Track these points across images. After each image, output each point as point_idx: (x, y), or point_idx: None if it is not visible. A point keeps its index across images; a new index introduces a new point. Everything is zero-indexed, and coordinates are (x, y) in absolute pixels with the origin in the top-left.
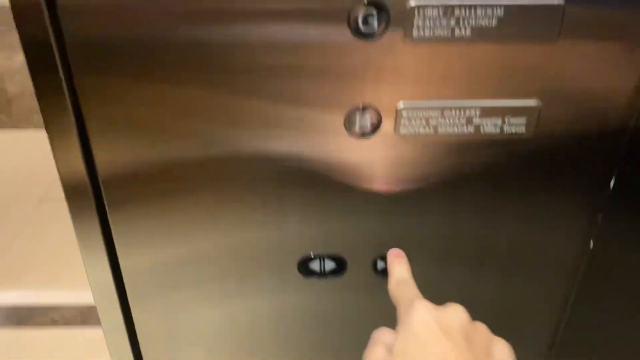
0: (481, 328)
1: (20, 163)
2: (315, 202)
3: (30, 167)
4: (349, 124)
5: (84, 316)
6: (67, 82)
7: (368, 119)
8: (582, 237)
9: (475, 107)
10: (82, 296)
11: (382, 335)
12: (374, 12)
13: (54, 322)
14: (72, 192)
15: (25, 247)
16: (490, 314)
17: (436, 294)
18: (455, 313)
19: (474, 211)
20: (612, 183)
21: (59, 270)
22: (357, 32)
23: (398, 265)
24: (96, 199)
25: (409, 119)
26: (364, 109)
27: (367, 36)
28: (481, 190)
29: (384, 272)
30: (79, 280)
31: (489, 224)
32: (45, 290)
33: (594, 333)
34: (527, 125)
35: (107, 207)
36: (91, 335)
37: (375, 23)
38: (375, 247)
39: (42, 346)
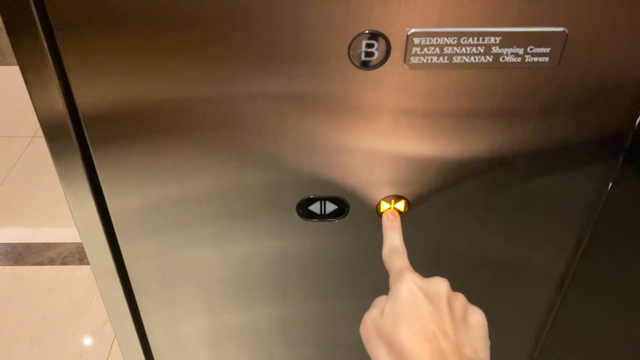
0: (460, 297)
1: (12, 99)
2: (315, 139)
3: (22, 104)
4: (353, 52)
5: (82, 254)
6: (41, 16)
7: (375, 47)
8: (602, 179)
9: (496, 34)
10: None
11: (379, 300)
12: None
13: (51, 261)
14: (52, 133)
15: (19, 184)
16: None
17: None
18: (439, 283)
19: (487, 150)
20: (638, 120)
21: (54, 207)
22: None
23: (392, 232)
24: (79, 139)
25: (421, 47)
26: (371, 36)
27: None
28: (496, 128)
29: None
30: None
31: (502, 164)
32: (42, 228)
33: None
34: (551, 55)
35: (90, 148)
36: (88, 273)
37: None
38: (378, 189)
39: (40, 284)
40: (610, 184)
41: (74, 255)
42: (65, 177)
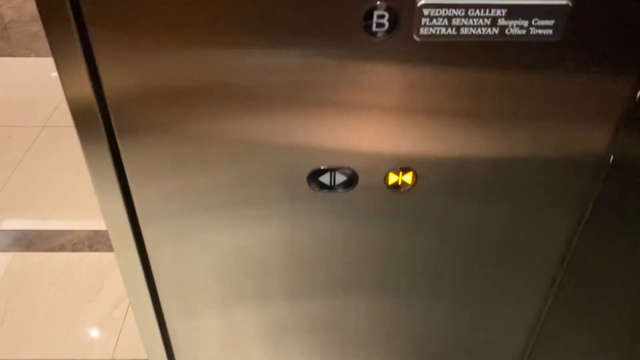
0: None
1: (22, 91)
2: (325, 110)
3: (31, 95)
4: (364, 23)
5: (92, 241)
6: (73, 5)
7: (385, 19)
8: (602, 150)
9: (502, 7)
10: (89, 222)
11: None
12: None
13: (61, 247)
14: (80, 119)
15: (29, 174)
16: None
17: (451, 208)
18: None
19: (492, 121)
20: (638, 94)
21: (64, 197)
22: None
23: None
24: (105, 125)
25: (430, 19)
26: (381, 7)
27: None
28: (501, 100)
29: (395, 186)
30: (85, 207)
31: (506, 137)
32: (52, 216)
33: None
34: (555, 28)
35: (116, 134)
36: (98, 259)
37: None
38: (387, 161)
39: (51, 270)
40: (612, 157)
41: (84, 242)
42: (92, 161)
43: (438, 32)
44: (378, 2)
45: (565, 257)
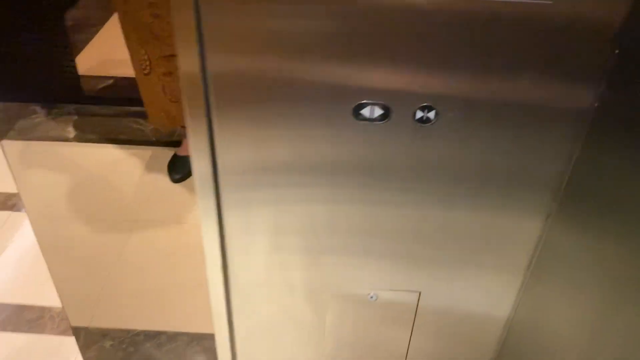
0: None
1: None
2: (371, 58)
3: None
4: None
5: None
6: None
7: None
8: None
9: None
10: None
11: None
12: None
13: None
14: (189, 91)
15: None
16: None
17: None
18: None
19: (496, 71)
20: (617, 51)
21: None
22: None
23: None
24: (206, 99)
25: None
26: None
27: None
28: (503, 54)
29: (422, 121)
30: None
31: (508, 80)
32: None
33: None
34: None
35: (212, 107)
36: None
37: None
38: (416, 99)
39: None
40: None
41: None
42: (193, 129)
43: None
44: None
45: (560, 187)
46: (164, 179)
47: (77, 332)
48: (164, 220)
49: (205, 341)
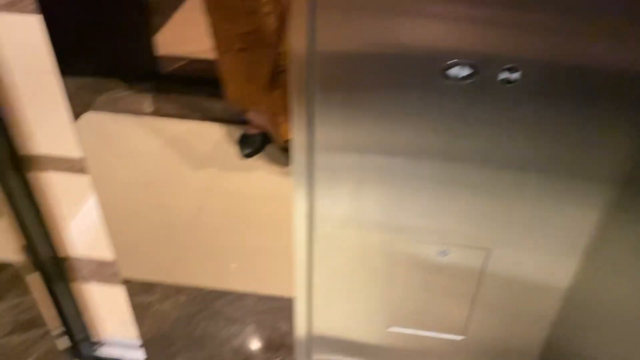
0: None
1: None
2: (459, 24)
3: None
4: None
5: None
6: None
7: None
8: None
9: None
10: None
11: None
12: None
13: None
14: (296, 68)
15: None
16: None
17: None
18: None
19: (577, 37)
20: None
21: None
22: None
23: None
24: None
25: None
26: None
27: None
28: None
29: (506, 82)
30: None
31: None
32: None
33: None
34: None
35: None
36: None
37: None
38: (500, 60)
39: None
40: None
41: None
42: (297, 105)
43: None
44: None
45: (633, 156)
46: (234, 154)
47: (153, 286)
48: (236, 191)
49: (272, 301)
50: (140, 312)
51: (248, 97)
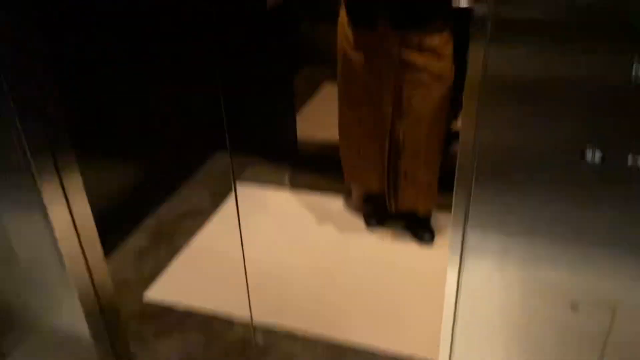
0: None
1: None
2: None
3: None
4: None
5: None
6: None
7: None
8: None
9: None
10: None
11: None
12: None
13: None
14: (463, 157)
15: None
16: None
17: None
18: None
19: None
20: None
21: None
22: None
23: None
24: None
25: None
26: None
27: None
28: None
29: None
30: None
31: None
32: None
33: None
34: None
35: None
36: None
37: None
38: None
39: None
40: None
41: None
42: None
43: None
44: None
45: None
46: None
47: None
48: (361, 256)
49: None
50: None
51: (359, 177)
